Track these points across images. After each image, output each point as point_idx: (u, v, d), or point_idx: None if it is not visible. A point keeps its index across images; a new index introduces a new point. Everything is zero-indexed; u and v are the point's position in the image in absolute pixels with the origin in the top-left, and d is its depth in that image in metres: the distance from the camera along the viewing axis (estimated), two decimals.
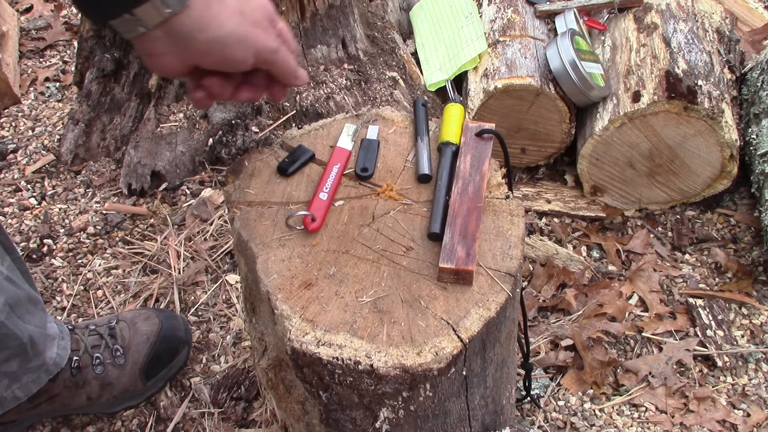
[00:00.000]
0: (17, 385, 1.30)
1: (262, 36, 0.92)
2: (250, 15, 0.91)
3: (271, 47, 0.93)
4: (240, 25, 0.89)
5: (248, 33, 0.90)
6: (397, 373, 0.86)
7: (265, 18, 0.93)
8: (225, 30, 0.88)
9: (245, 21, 0.90)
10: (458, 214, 0.99)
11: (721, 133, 1.71)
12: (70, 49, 2.53)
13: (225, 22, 0.88)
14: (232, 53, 0.91)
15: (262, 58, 0.93)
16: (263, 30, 0.92)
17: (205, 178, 1.95)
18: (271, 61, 0.95)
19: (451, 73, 1.99)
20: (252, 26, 0.91)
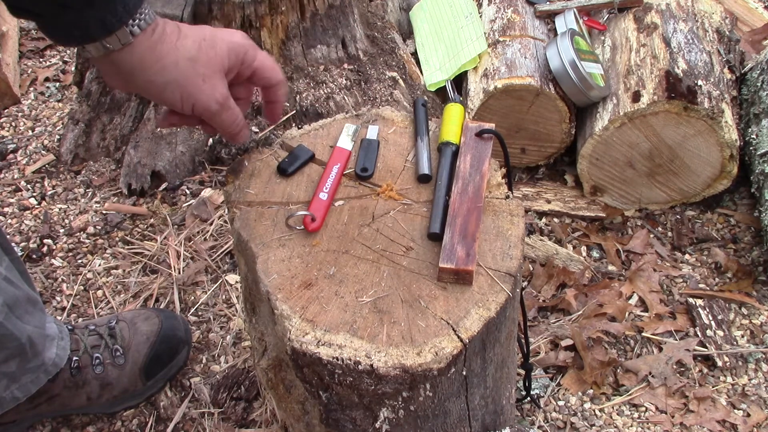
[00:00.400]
0: (16, 385, 1.30)
1: (202, 95, 0.92)
2: (203, 66, 0.91)
3: (210, 108, 0.94)
4: (182, 76, 0.90)
5: (189, 86, 0.91)
6: (397, 373, 0.86)
7: (216, 73, 0.92)
8: (164, 77, 0.90)
9: (191, 72, 0.90)
10: (458, 214, 0.99)
11: (721, 133, 1.71)
12: (70, 49, 2.53)
13: (167, 67, 0.89)
14: (170, 99, 0.92)
15: (200, 112, 0.94)
16: (209, 87, 0.92)
17: (205, 178, 1.95)
18: (208, 119, 0.96)
19: (451, 73, 1.99)
20: (195, 79, 0.91)
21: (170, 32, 0.90)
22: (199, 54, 0.90)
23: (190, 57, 0.90)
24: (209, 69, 0.91)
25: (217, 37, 0.93)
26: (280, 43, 1.94)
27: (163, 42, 0.88)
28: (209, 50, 0.91)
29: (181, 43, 0.90)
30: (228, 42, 0.93)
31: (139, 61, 0.88)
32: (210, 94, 0.92)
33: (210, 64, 0.91)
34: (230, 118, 0.97)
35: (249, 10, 1.84)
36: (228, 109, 0.96)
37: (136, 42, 0.86)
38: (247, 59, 0.96)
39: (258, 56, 0.97)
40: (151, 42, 0.88)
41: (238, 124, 0.99)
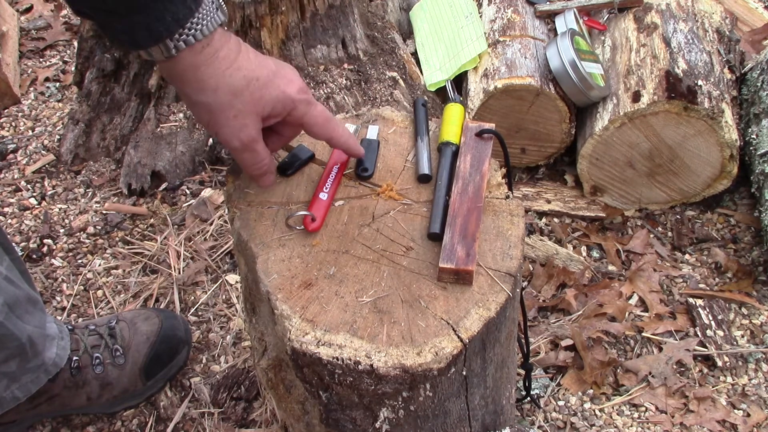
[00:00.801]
0: (16, 385, 1.30)
1: (227, 128, 0.90)
2: (241, 103, 0.88)
3: (230, 144, 0.92)
4: (216, 104, 0.88)
5: (218, 116, 0.89)
6: (397, 373, 0.86)
7: (251, 114, 0.90)
8: (199, 97, 0.88)
9: (227, 104, 0.88)
10: (458, 214, 0.99)
11: (721, 133, 1.71)
12: (70, 49, 2.53)
13: (205, 90, 0.87)
14: (198, 118, 0.92)
15: (222, 143, 0.93)
16: (238, 124, 0.90)
17: (205, 178, 1.95)
18: (230, 151, 0.95)
19: (451, 73, 1.99)
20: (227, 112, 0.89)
21: (223, 57, 0.87)
22: (244, 91, 0.88)
23: (233, 89, 0.87)
24: (246, 107, 0.89)
25: (272, 82, 0.90)
26: (280, 43, 1.94)
27: (209, 65, 0.86)
28: (256, 91, 0.88)
29: (230, 72, 0.87)
30: (280, 92, 0.90)
31: (180, 75, 0.87)
32: (236, 131, 0.90)
33: (250, 103, 0.89)
34: (251, 160, 0.95)
35: (249, 10, 1.84)
36: (251, 151, 0.93)
37: (180, 57, 0.84)
38: (293, 114, 0.93)
39: (308, 114, 0.94)
40: (197, 60, 0.85)
41: (260, 168, 0.97)
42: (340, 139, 1.00)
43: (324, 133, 0.98)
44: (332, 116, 0.98)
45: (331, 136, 0.99)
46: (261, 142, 0.94)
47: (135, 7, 0.80)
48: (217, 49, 0.87)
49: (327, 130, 0.98)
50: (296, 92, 0.92)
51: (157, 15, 0.81)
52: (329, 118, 0.97)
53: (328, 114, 0.97)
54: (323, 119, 0.96)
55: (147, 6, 0.81)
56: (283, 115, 0.93)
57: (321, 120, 0.96)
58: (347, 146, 1.02)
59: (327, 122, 0.97)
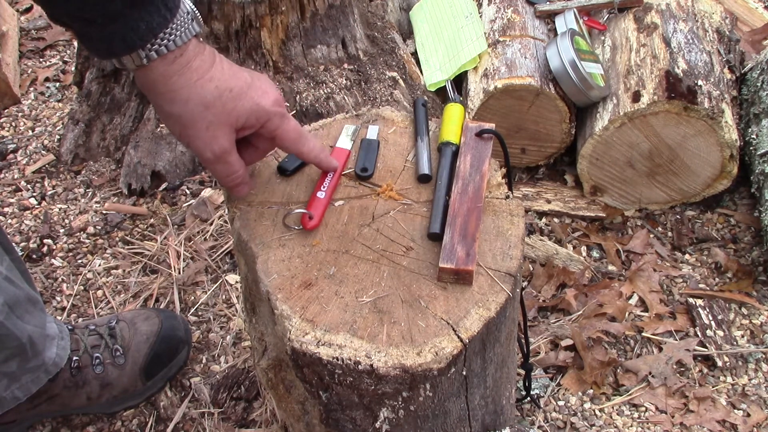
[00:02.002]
0: (17, 385, 1.30)
1: (199, 141, 0.89)
2: (213, 114, 0.88)
3: (203, 156, 0.92)
4: (187, 115, 0.87)
5: (189, 127, 0.88)
6: (397, 373, 0.86)
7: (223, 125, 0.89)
8: (170, 108, 0.88)
9: (198, 115, 0.87)
10: (458, 214, 0.99)
11: (721, 133, 1.71)
12: (70, 49, 2.53)
13: (176, 101, 0.87)
14: (170, 129, 0.91)
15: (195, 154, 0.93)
16: (209, 136, 0.89)
17: (205, 178, 1.95)
18: (202, 163, 0.94)
19: (451, 73, 1.99)
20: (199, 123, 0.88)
21: (196, 68, 0.86)
22: (216, 102, 0.87)
23: (203, 101, 0.87)
24: (218, 119, 0.88)
25: (245, 93, 0.89)
26: (280, 43, 1.94)
27: (181, 75, 0.86)
28: (229, 102, 0.88)
29: (201, 83, 0.86)
30: (254, 103, 0.90)
31: (152, 84, 0.87)
32: (207, 142, 0.89)
33: (222, 115, 0.88)
34: (224, 171, 0.94)
35: (249, 10, 1.84)
36: (224, 162, 0.92)
37: (151, 66, 0.84)
38: (267, 126, 0.93)
39: (281, 127, 0.94)
40: (168, 71, 0.85)
41: (234, 180, 0.96)
42: (310, 155, 1.00)
43: (295, 148, 0.98)
44: (304, 131, 0.98)
45: (301, 151, 0.98)
46: (234, 154, 0.93)
47: (112, 16, 0.80)
48: (189, 59, 0.86)
49: (297, 145, 0.97)
50: (271, 104, 0.91)
51: (132, 24, 0.81)
52: (301, 133, 0.97)
53: (300, 129, 0.97)
54: (295, 134, 0.96)
55: (123, 15, 0.80)
56: (256, 127, 0.93)
57: (293, 135, 0.96)
58: (318, 161, 1.01)
59: (299, 137, 0.96)
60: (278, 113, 0.93)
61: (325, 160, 1.02)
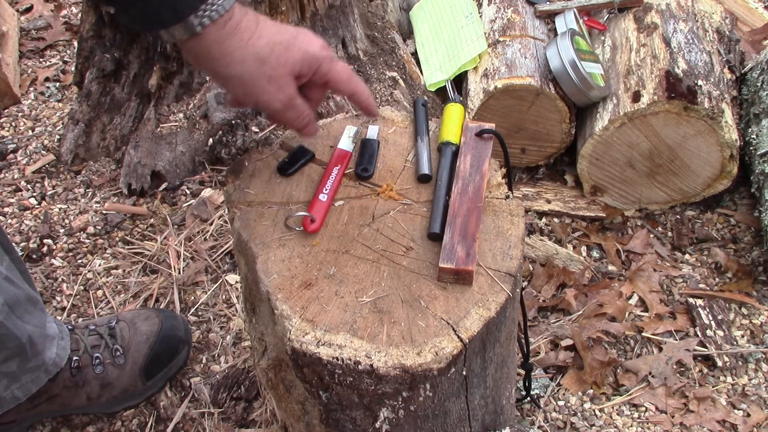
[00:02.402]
0: (17, 385, 1.30)
1: (265, 95, 0.93)
2: (271, 68, 0.91)
3: (272, 107, 0.95)
4: (247, 74, 0.90)
5: (252, 85, 0.92)
6: (397, 373, 0.86)
7: (283, 76, 0.92)
8: (229, 71, 0.90)
9: (257, 72, 0.90)
10: (458, 214, 0.99)
11: (721, 133, 1.71)
12: (70, 49, 2.53)
13: (233, 63, 0.90)
14: (233, 92, 0.94)
15: (263, 109, 0.96)
16: (274, 88, 0.93)
17: (205, 178, 1.95)
18: (271, 115, 0.97)
19: (451, 73, 1.99)
20: (260, 80, 0.91)
21: (245, 28, 0.89)
22: (270, 56, 0.90)
23: (259, 58, 0.90)
24: (277, 71, 0.92)
25: (293, 44, 0.92)
26: None
27: (233, 37, 0.88)
28: (282, 55, 0.91)
29: (253, 42, 0.89)
30: (303, 51, 0.93)
31: (206, 52, 0.89)
32: (274, 94, 0.93)
33: (279, 67, 0.91)
34: (294, 115, 0.98)
35: None
36: (292, 108, 0.96)
37: (204, 33, 0.87)
38: (320, 71, 0.96)
39: (333, 69, 0.97)
40: (221, 35, 0.88)
41: (303, 120, 0.99)
42: (362, 96, 1.02)
43: (348, 88, 1.00)
44: (354, 73, 1.01)
45: (354, 90, 1.01)
46: (299, 98, 0.96)
47: None
48: (238, 21, 0.88)
49: (351, 85, 1.00)
50: (319, 50, 0.95)
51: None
52: (352, 74, 1.00)
53: (351, 70, 1.00)
54: (347, 75, 0.99)
55: None
56: (310, 74, 0.95)
57: (345, 75, 0.98)
58: (367, 103, 1.04)
59: (350, 78, 0.99)
60: (327, 57, 0.96)
61: (373, 105, 1.05)
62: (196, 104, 1.95)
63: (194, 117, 1.94)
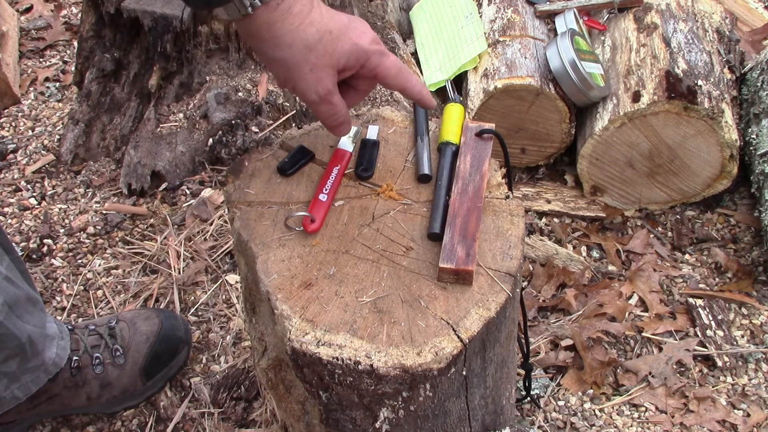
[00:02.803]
0: (16, 385, 1.30)
1: (304, 83, 0.93)
2: (316, 57, 0.91)
3: (307, 98, 0.95)
4: (292, 59, 0.91)
5: (294, 71, 0.92)
6: (397, 373, 0.86)
7: (326, 67, 0.92)
8: (275, 53, 0.91)
9: (302, 58, 0.90)
10: (458, 214, 0.99)
11: (721, 133, 1.71)
12: (70, 49, 2.53)
13: (280, 45, 0.90)
14: (275, 74, 0.94)
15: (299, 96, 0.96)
16: (314, 78, 0.92)
17: (205, 178, 1.95)
18: (307, 104, 0.97)
19: (451, 73, 1.99)
20: (303, 66, 0.91)
21: (297, 12, 0.89)
22: (318, 45, 0.90)
23: (306, 44, 0.90)
24: (321, 61, 0.91)
25: (344, 35, 0.92)
26: None
27: (284, 20, 0.89)
28: (329, 45, 0.91)
29: (303, 28, 0.89)
30: (353, 44, 0.92)
31: (256, 32, 0.90)
32: (312, 84, 0.93)
33: (324, 57, 0.91)
34: (328, 112, 0.97)
35: None
36: (327, 103, 0.95)
37: (256, 14, 0.87)
38: (367, 66, 0.95)
39: (381, 64, 0.95)
40: (271, 17, 0.88)
41: (336, 119, 0.99)
42: (414, 89, 1.00)
43: (398, 84, 0.98)
44: (405, 66, 0.99)
45: (404, 86, 0.99)
46: (337, 95, 0.96)
47: None
48: (290, 5, 0.89)
49: (400, 80, 0.98)
50: (369, 43, 0.94)
51: None
52: (402, 68, 0.98)
53: (401, 64, 0.98)
54: (396, 69, 0.97)
55: None
56: (356, 68, 0.95)
57: (394, 71, 0.97)
58: (420, 96, 1.02)
59: (400, 72, 0.97)
60: (377, 51, 0.94)
61: (427, 96, 1.02)
62: (196, 104, 1.95)
63: (194, 117, 1.94)
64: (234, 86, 1.93)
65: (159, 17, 1.84)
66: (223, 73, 1.96)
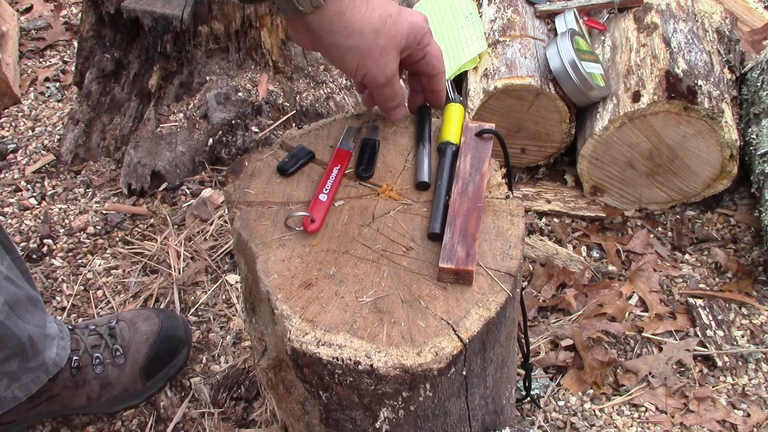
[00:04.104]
0: (17, 384, 1.30)
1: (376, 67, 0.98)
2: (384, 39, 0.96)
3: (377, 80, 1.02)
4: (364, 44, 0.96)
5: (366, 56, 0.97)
6: (397, 373, 0.86)
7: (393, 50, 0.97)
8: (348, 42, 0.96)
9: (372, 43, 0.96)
10: (458, 214, 0.99)
11: (721, 133, 1.71)
12: (70, 49, 2.53)
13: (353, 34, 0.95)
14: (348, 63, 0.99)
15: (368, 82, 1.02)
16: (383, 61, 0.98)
17: (205, 178, 1.95)
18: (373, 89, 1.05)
19: (451, 73, 1.99)
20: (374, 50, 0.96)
21: (359, 1, 0.94)
22: (383, 28, 0.95)
23: (374, 29, 0.94)
24: (389, 43, 0.96)
25: (401, 16, 0.97)
26: (280, 43, 1.94)
27: (352, 9, 0.93)
28: (393, 26, 0.96)
29: (369, 14, 0.94)
30: (410, 22, 0.98)
31: (328, 24, 0.94)
32: (383, 67, 0.98)
33: (390, 39, 0.96)
34: (392, 93, 1.04)
35: (249, 10, 1.84)
36: (393, 84, 1.02)
37: (327, 6, 0.91)
38: (423, 41, 1.01)
39: (432, 43, 1.03)
40: (341, 7, 0.92)
41: (397, 100, 1.06)
42: (442, 80, 1.08)
43: (440, 66, 1.05)
44: None
45: (442, 69, 1.06)
46: (398, 76, 1.02)
47: None
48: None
49: (442, 64, 1.05)
50: (422, 21, 1.00)
51: None
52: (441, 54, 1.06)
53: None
54: (440, 52, 1.05)
55: None
56: (414, 45, 1.00)
57: (439, 51, 1.04)
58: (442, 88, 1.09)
59: (441, 57, 1.05)
60: (429, 29, 1.02)
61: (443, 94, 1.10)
62: (196, 104, 1.95)
63: (194, 117, 1.94)
64: (234, 86, 1.93)
65: (159, 17, 1.84)
66: (223, 73, 1.96)
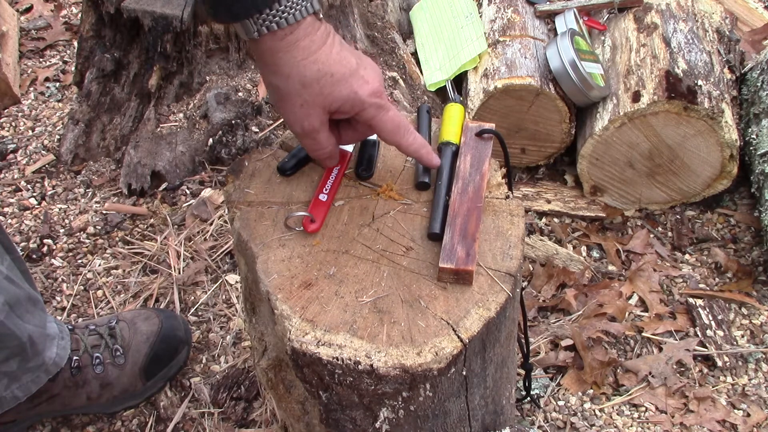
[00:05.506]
0: (17, 384, 1.30)
1: (292, 115, 0.94)
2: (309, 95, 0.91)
3: (293, 129, 0.96)
4: (285, 89, 0.91)
5: (285, 102, 0.93)
6: (397, 373, 0.86)
7: (317, 107, 0.92)
8: (272, 80, 0.92)
9: (294, 92, 0.91)
10: (458, 214, 0.99)
11: (721, 133, 1.71)
12: (70, 49, 2.53)
13: (278, 74, 0.91)
14: (270, 98, 0.98)
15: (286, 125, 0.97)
16: (303, 113, 0.93)
17: (205, 178, 1.95)
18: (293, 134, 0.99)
19: (451, 73, 1.99)
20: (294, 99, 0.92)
21: (303, 47, 0.88)
22: (314, 84, 0.90)
23: (302, 80, 0.89)
24: (313, 99, 0.91)
25: (346, 80, 0.91)
26: None
27: (287, 52, 0.88)
28: (327, 87, 0.90)
29: (305, 64, 0.89)
30: (351, 91, 0.91)
31: (259, 55, 0.91)
32: (299, 119, 0.93)
33: (318, 96, 0.91)
34: (311, 146, 0.98)
35: None
36: (312, 138, 0.96)
37: (261, 40, 0.88)
38: (362, 115, 0.94)
39: (377, 118, 0.94)
40: (276, 46, 0.88)
41: (320, 154, 1.00)
42: (410, 148, 0.99)
43: (392, 140, 0.98)
44: (405, 123, 0.97)
45: (399, 143, 0.98)
46: (323, 132, 0.96)
47: None
48: (298, 38, 0.88)
49: (395, 136, 0.97)
50: (368, 95, 0.92)
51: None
52: (400, 126, 0.96)
53: (400, 121, 0.96)
54: (392, 126, 0.96)
55: None
56: (351, 114, 0.95)
57: (390, 126, 0.96)
58: (418, 155, 1.00)
59: (396, 129, 0.96)
60: (374, 104, 0.93)
61: (426, 155, 1.01)
62: (196, 104, 1.95)
63: (194, 117, 1.94)
64: (234, 86, 1.93)
65: (159, 17, 1.84)
66: (223, 73, 1.96)
